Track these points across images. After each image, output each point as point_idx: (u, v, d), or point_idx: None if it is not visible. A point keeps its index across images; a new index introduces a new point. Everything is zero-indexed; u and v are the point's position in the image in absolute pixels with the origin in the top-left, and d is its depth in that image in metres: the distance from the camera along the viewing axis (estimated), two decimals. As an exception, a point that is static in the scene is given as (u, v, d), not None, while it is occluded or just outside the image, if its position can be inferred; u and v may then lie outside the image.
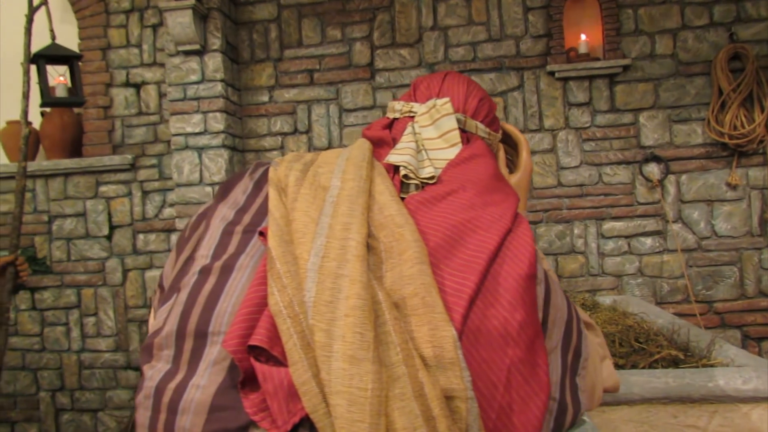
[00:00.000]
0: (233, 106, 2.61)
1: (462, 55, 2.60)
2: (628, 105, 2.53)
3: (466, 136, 1.11)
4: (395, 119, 1.18)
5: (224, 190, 1.01)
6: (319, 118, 2.68)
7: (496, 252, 0.85)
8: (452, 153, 1.04)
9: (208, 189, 2.49)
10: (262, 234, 0.88)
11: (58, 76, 2.35)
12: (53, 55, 2.25)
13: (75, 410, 2.80)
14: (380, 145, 1.08)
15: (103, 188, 2.75)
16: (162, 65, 2.75)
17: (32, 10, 2.25)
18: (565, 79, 2.54)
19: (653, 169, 2.52)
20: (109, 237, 2.76)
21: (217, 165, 2.49)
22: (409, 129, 1.07)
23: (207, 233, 0.93)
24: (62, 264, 2.77)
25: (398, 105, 1.17)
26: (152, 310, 1.15)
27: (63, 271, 2.77)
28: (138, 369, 2.75)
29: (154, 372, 0.82)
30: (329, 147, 2.67)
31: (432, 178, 0.96)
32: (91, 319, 2.78)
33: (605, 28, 2.54)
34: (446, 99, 1.10)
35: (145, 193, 2.74)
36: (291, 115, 2.70)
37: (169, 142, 2.74)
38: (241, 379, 0.76)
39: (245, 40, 2.72)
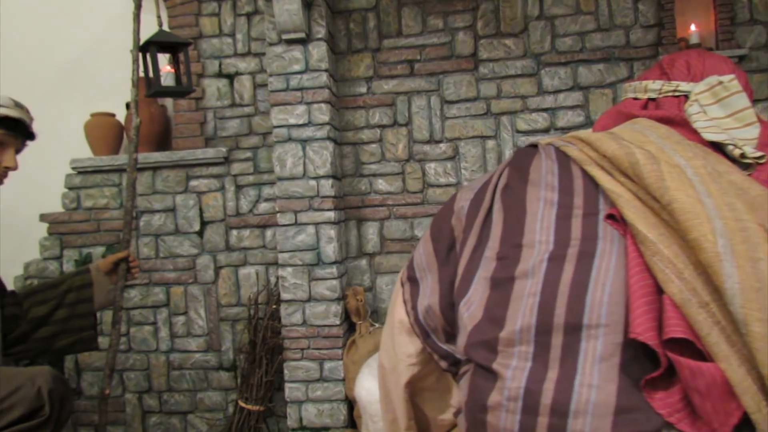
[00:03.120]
0: (333, 97, 2.53)
1: (569, 45, 2.52)
2: (742, 96, 2.46)
3: None
4: (650, 99, 1.10)
5: (520, 171, 0.93)
6: (419, 110, 2.60)
7: None
8: (749, 132, 0.96)
9: (313, 183, 2.40)
10: (612, 217, 0.79)
11: (166, 64, 2.25)
12: (162, 42, 2.15)
13: (163, 413, 2.70)
14: (665, 124, 1.00)
15: (193, 182, 2.66)
16: (257, 55, 2.66)
17: (141, -4, 2.15)
18: (679, 70, 2.46)
19: (768, 163, 2.45)
20: (200, 233, 2.66)
21: (321, 158, 2.40)
22: (695, 107, 0.99)
23: (527, 218, 0.84)
24: (150, 261, 2.68)
25: (653, 84, 1.09)
26: (402, 304, 1.07)
27: (151, 268, 2.68)
28: (229, 369, 2.66)
29: (514, 371, 0.73)
30: (430, 140, 2.59)
31: (762, 157, 0.88)
32: (181, 318, 2.69)
33: (718, 18, 2.47)
34: (732, 76, 1.02)
35: (239, 188, 2.65)
36: (390, 107, 2.61)
37: (264, 134, 2.65)
38: (658, 374, 0.68)
39: (341, 30, 2.63)
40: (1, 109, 1.55)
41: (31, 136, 1.68)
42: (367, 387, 2.08)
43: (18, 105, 1.62)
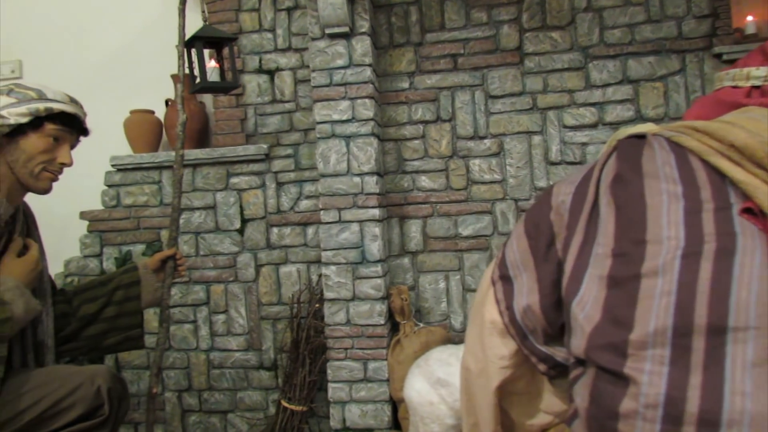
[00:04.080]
0: (376, 92, 2.48)
1: (618, 37, 2.45)
2: (800, 89, 2.37)
3: None
4: (754, 87, 1.04)
5: (632, 162, 0.87)
6: (463, 105, 2.55)
7: None
8: None
9: (357, 179, 2.36)
10: (749, 211, 0.74)
11: (211, 59, 2.21)
12: (207, 37, 2.12)
13: (203, 411, 2.68)
14: None
15: (234, 180, 2.63)
16: (297, 50, 2.62)
17: (186, -10, 2.12)
18: (734, 62, 2.38)
19: (828, 158, 2.37)
20: (240, 231, 2.64)
21: (366, 154, 2.36)
22: None
23: (648, 212, 0.79)
24: (190, 259, 2.66)
25: (757, 71, 1.03)
26: (494, 304, 1.01)
27: (191, 266, 2.66)
28: (270, 369, 2.63)
29: (651, 376, 0.67)
30: (475, 136, 2.54)
31: None
32: (221, 317, 2.66)
33: (776, 8, 2.39)
34: None
35: (280, 185, 2.61)
36: (433, 103, 2.56)
37: (305, 131, 2.61)
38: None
39: (383, 24, 2.59)
40: (57, 105, 1.53)
41: (85, 131, 1.66)
42: (417, 388, 2.03)
43: (73, 100, 1.60)
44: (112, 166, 2.69)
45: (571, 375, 0.82)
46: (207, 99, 2.77)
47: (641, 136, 0.93)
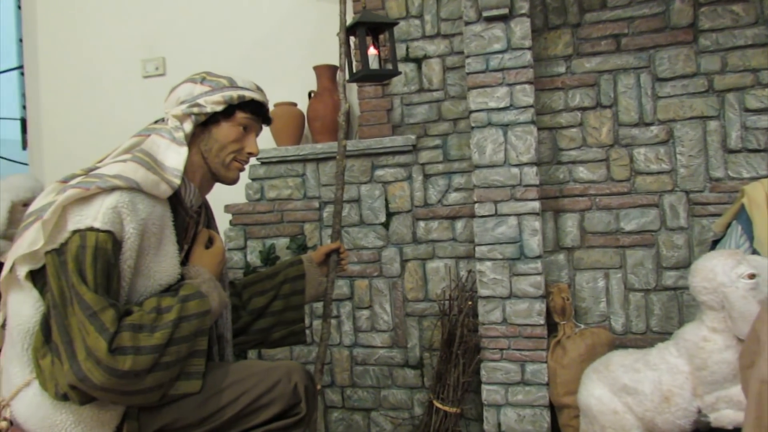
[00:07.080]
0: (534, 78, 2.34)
1: (814, 7, 2.18)
2: None
3: None
4: None
5: None
6: (626, 90, 2.35)
7: None
8: None
9: (515, 171, 2.23)
10: None
11: (370, 45, 2.14)
12: (369, 22, 2.05)
13: (345, 408, 2.64)
14: None
15: (379, 172, 2.56)
16: (446, 36, 2.52)
17: (345, -25, 2.06)
18: None
19: None
20: (386, 224, 2.57)
21: (525, 144, 2.22)
22: None
23: None
24: (334, 253, 2.61)
25: None
26: None
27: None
28: (415, 367, 2.54)
29: None
30: (639, 122, 2.33)
31: None
32: (365, 313, 2.61)
33: None
34: None
35: (427, 177, 2.52)
36: (592, 87, 2.38)
37: (454, 120, 2.50)
38: None
39: (537, 6, 2.43)
40: (248, 92, 1.50)
41: (268, 120, 1.62)
42: (598, 395, 1.87)
43: (259, 88, 1.57)
44: (257, 159, 2.69)
45: None
46: (349, 89, 2.71)
47: None
